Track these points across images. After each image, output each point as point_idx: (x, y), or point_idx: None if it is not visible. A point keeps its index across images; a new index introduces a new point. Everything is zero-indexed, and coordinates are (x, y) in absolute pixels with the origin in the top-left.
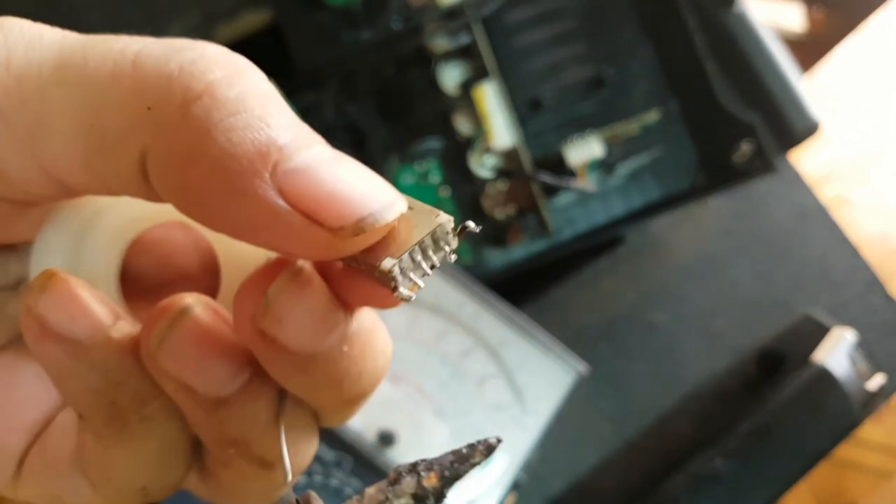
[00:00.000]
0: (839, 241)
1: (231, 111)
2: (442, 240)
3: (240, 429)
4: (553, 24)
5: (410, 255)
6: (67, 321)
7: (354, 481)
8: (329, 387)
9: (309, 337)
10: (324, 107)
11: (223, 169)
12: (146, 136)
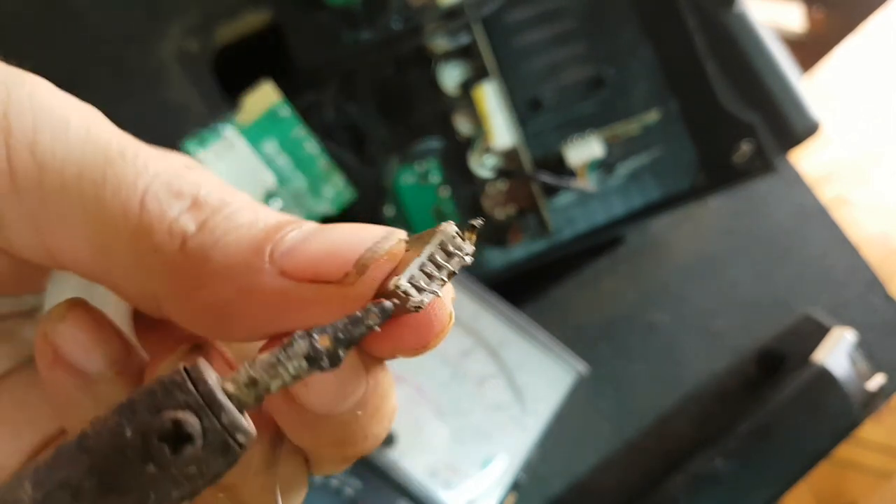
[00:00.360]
0: (839, 241)
1: (223, 231)
2: (452, 247)
3: (231, 473)
4: (553, 24)
5: (421, 269)
6: (81, 353)
7: (354, 481)
8: (333, 445)
9: (331, 401)
10: (324, 107)
11: (228, 280)
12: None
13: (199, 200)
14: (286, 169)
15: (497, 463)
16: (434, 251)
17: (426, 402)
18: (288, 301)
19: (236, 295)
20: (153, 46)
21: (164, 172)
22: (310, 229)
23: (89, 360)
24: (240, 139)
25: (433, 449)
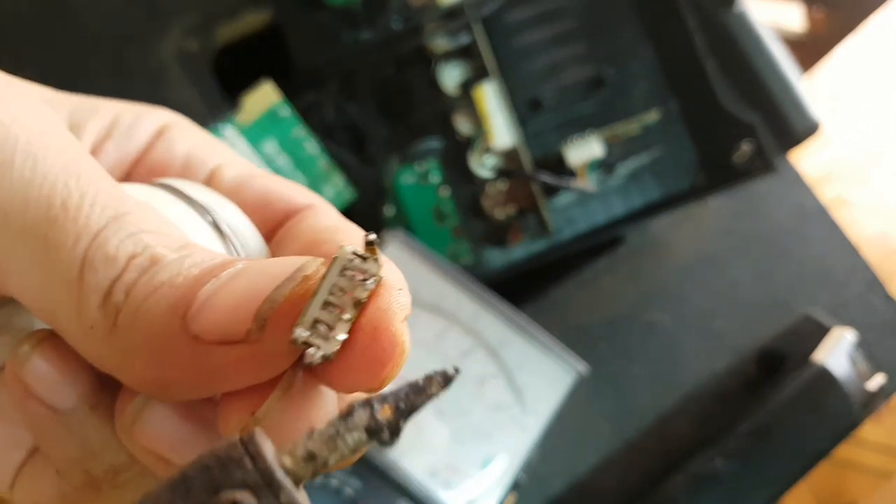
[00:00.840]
0: (839, 241)
1: (144, 296)
2: (355, 271)
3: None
4: (553, 24)
5: (326, 306)
6: (51, 391)
7: (354, 481)
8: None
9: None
10: (324, 107)
11: (150, 352)
12: (92, 347)
13: (133, 263)
14: (286, 169)
15: (497, 463)
16: (336, 281)
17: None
18: (207, 368)
19: (161, 368)
20: (153, 46)
21: (106, 229)
22: (221, 279)
23: (60, 398)
24: (240, 139)
25: (433, 449)
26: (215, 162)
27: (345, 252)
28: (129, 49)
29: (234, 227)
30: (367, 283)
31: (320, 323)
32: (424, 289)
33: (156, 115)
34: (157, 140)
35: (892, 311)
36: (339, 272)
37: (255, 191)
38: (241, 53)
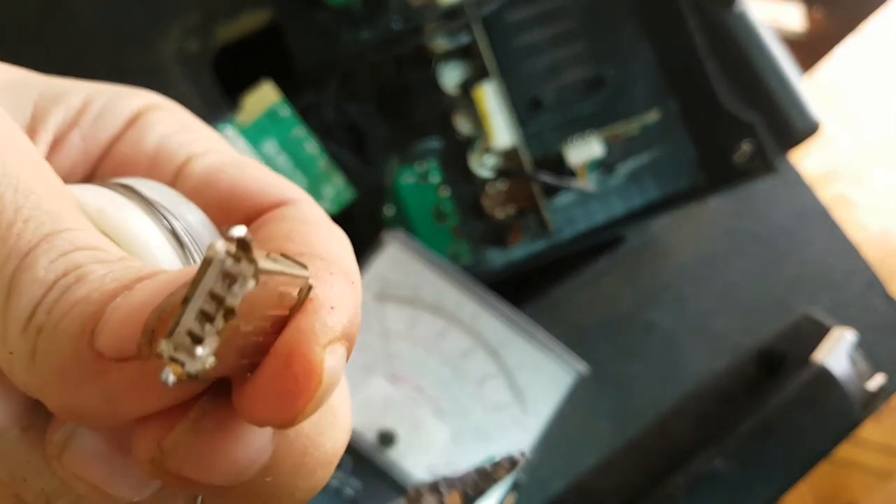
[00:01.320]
0: (839, 241)
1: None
2: (232, 273)
3: None
4: (553, 23)
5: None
6: None
7: (354, 481)
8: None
9: (219, 478)
10: (324, 107)
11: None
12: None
13: (59, 283)
14: (286, 169)
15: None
16: (213, 286)
17: (426, 402)
18: (110, 389)
19: (74, 391)
20: (153, 46)
21: (37, 248)
22: (133, 292)
23: None
24: (240, 139)
25: (433, 449)
26: (186, 154)
27: (218, 251)
28: (129, 49)
29: (194, 233)
30: (234, 288)
31: (192, 336)
32: (424, 289)
33: (130, 100)
34: (129, 129)
35: (893, 311)
36: (217, 275)
37: (223, 187)
38: (241, 53)
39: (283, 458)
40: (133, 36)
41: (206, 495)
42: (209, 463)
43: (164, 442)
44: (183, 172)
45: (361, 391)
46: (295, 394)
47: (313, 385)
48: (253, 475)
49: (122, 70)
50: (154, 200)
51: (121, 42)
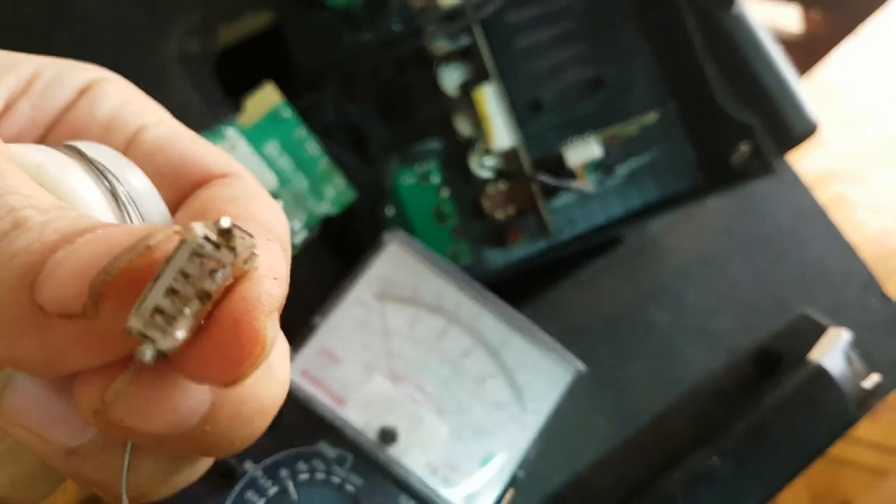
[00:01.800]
0: (837, 242)
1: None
2: (206, 258)
3: (97, 474)
4: (553, 25)
5: (170, 292)
6: None
7: (355, 478)
8: (194, 453)
9: (160, 428)
10: (324, 108)
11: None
12: None
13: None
14: (287, 170)
15: (496, 460)
16: (184, 266)
17: (427, 400)
18: (52, 343)
19: (11, 341)
20: (155, 48)
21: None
22: (75, 246)
23: None
24: (242, 141)
25: (433, 446)
26: (138, 123)
27: (195, 234)
28: (130, 50)
29: (135, 194)
30: (217, 275)
31: (160, 313)
32: (425, 289)
33: (82, 72)
34: (81, 98)
35: (889, 312)
36: (189, 256)
37: (172, 155)
38: (243, 55)
39: (221, 408)
40: (135, 37)
41: (148, 444)
42: (151, 413)
43: (107, 393)
44: (135, 140)
45: (363, 390)
46: (240, 359)
47: (257, 351)
48: (194, 424)
49: (124, 71)
50: (97, 161)
51: (123, 43)
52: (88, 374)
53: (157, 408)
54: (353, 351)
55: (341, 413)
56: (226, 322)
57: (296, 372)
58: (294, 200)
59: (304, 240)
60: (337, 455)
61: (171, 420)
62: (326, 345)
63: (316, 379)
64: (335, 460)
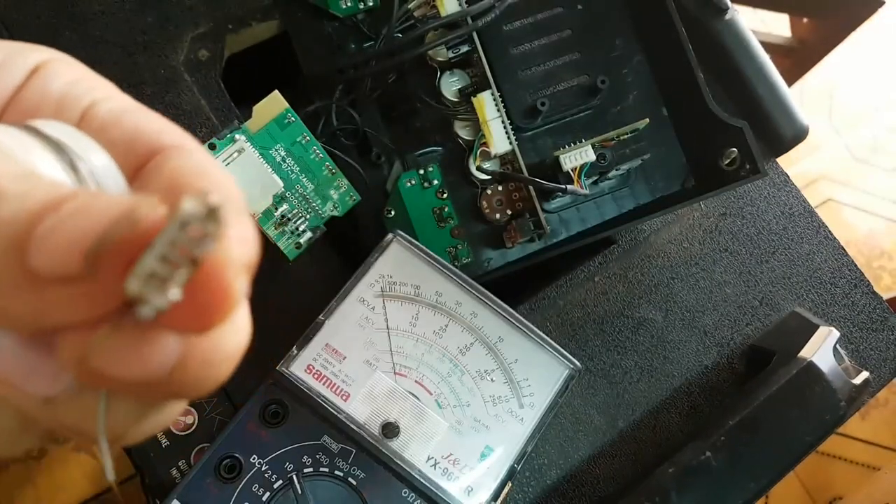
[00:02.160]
0: (826, 242)
1: None
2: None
3: (74, 421)
4: (549, 34)
5: (163, 258)
6: None
7: (359, 471)
8: (166, 398)
9: (138, 374)
10: (329, 114)
11: None
12: None
13: None
14: (293, 174)
15: (495, 454)
16: (175, 236)
17: (428, 395)
18: (43, 303)
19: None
20: (164, 55)
21: None
22: (61, 214)
23: None
24: (249, 146)
25: (434, 440)
26: (90, 98)
27: (186, 207)
28: (139, 57)
29: (93, 167)
30: (205, 241)
31: (155, 276)
32: (425, 287)
33: (31, 53)
34: (32, 78)
35: (878, 310)
36: (179, 227)
37: (126, 127)
38: (250, 62)
39: (191, 356)
40: (144, 44)
41: (123, 390)
42: (129, 362)
43: (90, 344)
44: (87, 116)
45: (366, 385)
46: (212, 313)
47: (228, 307)
48: (167, 372)
49: (133, 78)
50: (56, 138)
51: (132, 50)
52: (72, 327)
53: (135, 356)
54: (356, 347)
55: (345, 408)
56: (205, 281)
57: (301, 368)
58: (300, 203)
59: (310, 240)
60: (340, 449)
61: (146, 368)
62: (330, 341)
63: (320, 374)
64: (339, 454)
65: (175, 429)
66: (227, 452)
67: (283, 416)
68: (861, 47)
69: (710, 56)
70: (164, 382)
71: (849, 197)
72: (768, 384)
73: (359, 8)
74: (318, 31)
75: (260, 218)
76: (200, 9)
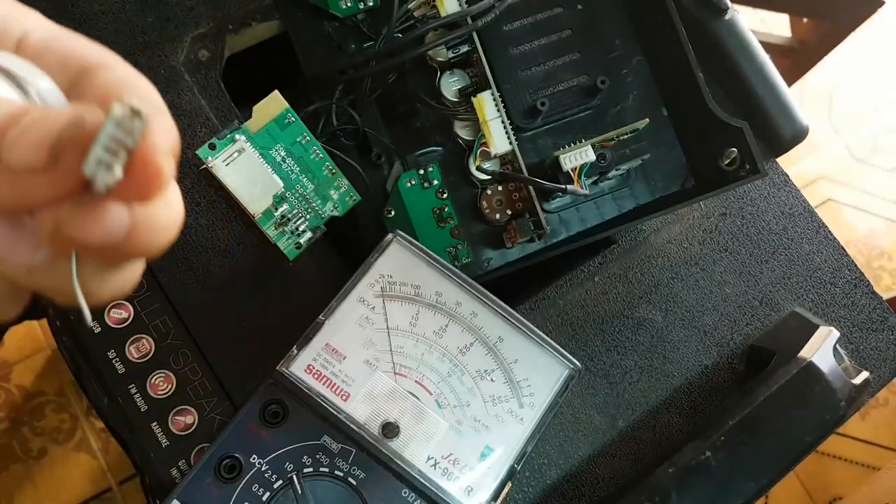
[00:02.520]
0: (826, 241)
1: None
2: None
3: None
4: (549, 34)
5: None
6: None
7: (359, 471)
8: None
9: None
10: (329, 114)
11: None
12: None
13: None
14: (293, 174)
15: (495, 454)
16: (112, 132)
17: (427, 395)
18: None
19: None
20: (164, 55)
21: None
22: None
23: None
24: (249, 146)
25: (434, 440)
26: (21, 28)
27: (117, 111)
28: (140, 57)
29: (40, 89)
30: (134, 134)
31: (101, 162)
32: (425, 287)
33: None
34: None
35: (878, 310)
36: (115, 126)
37: (58, 53)
38: (251, 62)
39: (139, 221)
40: (144, 44)
41: (89, 253)
42: (91, 226)
43: (59, 216)
44: (22, 45)
45: (366, 385)
46: (149, 185)
47: (160, 181)
48: (121, 235)
49: None
50: (9, 69)
51: (132, 50)
52: (44, 206)
53: (95, 222)
54: (356, 347)
55: (345, 408)
56: (140, 161)
57: (301, 368)
58: (300, 203)
59: (310, 240)
60: (340, 449)
61: (104, 230)
62: (331, 341)
63: (320, 374)
64: (339, 454)
65: (175, 429)
66: (227, 452)
67: (283, 416)
68: (861, 47)
69: (710, 56)
70: (120, 246)
71: (848, 197)
72: (768, 384)
73: (359, 8)
74: (318, 31)
75: (260, 218)
76: (200, 9)
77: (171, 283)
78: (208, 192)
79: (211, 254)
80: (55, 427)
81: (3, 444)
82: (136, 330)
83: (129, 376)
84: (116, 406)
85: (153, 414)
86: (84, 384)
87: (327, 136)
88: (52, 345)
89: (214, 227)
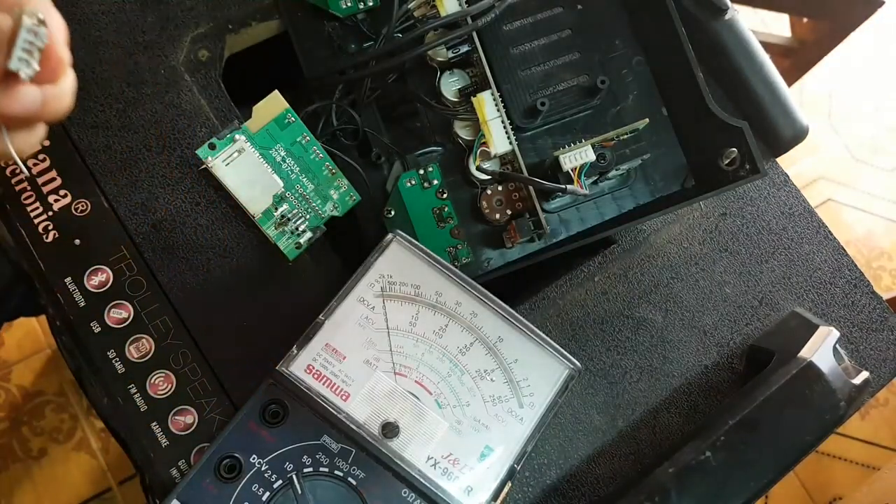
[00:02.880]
0: (826, 241)
1: None
2: (35, 30)
3: None
4: (548, 33)
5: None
6: None
7: (358, 471)
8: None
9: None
10: (329, 114)
11: None
12: None
13: None
14: (293, 174)
15: (495, 453)
16: (26, 36)
17: (427, 395)
18: None
19: None
20: (164, 55)
21: None
22: None
23: None
24: (249, 146)
25: (434, 440)
26: None
27: (27, 22)
28: (140, 57)
29: None
30: (42, 37)
31: (22, 59)
32: (426, 287)
33: None
34: None
35: (878, 310)
36: (27, 31)
37: None
38: (251, 62)
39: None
40: (145, 44)
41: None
42: (18, 103)
43: None
44: None
45: (366, 385)
46: (56, 70)
47: (64, 66)
48: (37, 107)
49: (135, 77)
50: None
51: (132, 50)
52: None
53: (20, 101)
54: (356, 347)
55: (345, 408)
56: (49, 56)
57: (301, 368)
58: (300, 203)
59: (310, 240)
60: (340, 449)
61: (25, 104)
62: (330, 341)
63: (320, 374)
64: (339, 454)
65: (175, 429)
66: (227, 452)
67: (283, 416)
68: (861, 48)
69: (710, 56)
70: (37, 114)
71: (848, 197)
72: (768, 384)
73: (359, 8)
74: (319, 31)
75: (260, 218)
76: (201, 9)
77: (171, 283)
78: (208, 192)
79: (211, 254)
80: (55, 427)
81: (3, 444)
82: (136, 330)
83: (129, 376)
84: (116, 406)
85: (153, 414)
86: (84, 384)
87: (327, 136)
88: (52, 344)
89: (214, 227)
